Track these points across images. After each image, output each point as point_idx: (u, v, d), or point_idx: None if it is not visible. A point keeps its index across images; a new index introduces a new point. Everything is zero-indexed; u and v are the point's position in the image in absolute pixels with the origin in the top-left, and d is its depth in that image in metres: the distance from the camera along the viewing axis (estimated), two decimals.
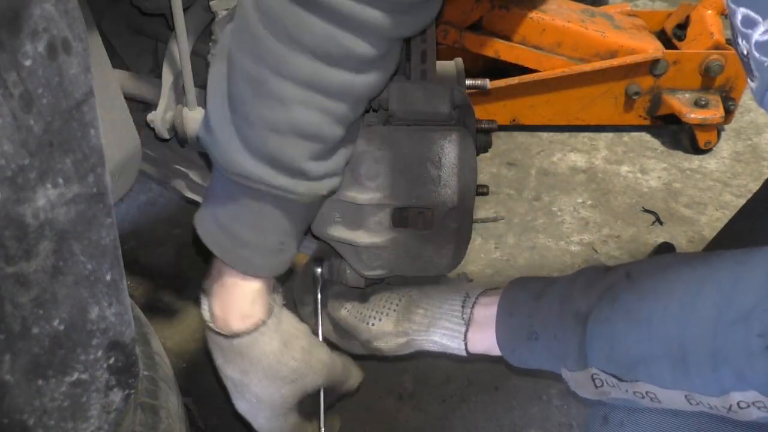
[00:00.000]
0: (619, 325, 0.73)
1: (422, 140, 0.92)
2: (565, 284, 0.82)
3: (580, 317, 0.77)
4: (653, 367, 0.70)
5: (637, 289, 0.74)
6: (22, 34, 0.48)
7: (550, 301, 0.82)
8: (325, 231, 0.97)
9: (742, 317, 0.63)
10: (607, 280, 0.78)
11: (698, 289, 0.68)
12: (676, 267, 0.73)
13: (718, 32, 2.18)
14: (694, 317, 0.67)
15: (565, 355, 0.78)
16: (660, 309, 0.70)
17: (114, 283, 0.60)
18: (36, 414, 0.57)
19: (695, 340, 0.66)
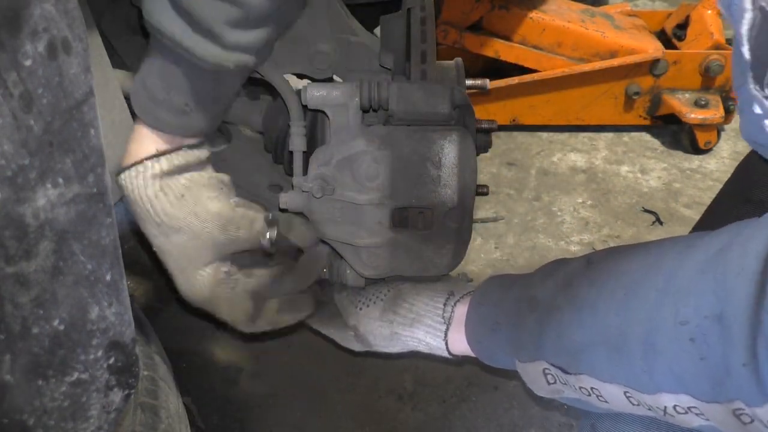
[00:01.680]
0: (568, 313, 0.71)
1: (422, 140, 0.92)
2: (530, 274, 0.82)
3: (535, 303, 0.75)
4: (592, 356, 0.68)
5: (592, 275, 0.72)
6: (22, 34, 0.48)
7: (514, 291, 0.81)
8: (326, 231, 0.97)
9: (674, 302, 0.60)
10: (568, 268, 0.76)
11: (644, 274, 0.66)
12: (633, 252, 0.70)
13: (718, 32, 2.18)
14: (635, 303, 0.64)
15: (520, 344, 0.77)
16: (606, 294, 0.67)
17: (114, 283, 0.60)
18: (36, 414, 0.57)
19: (631, 325, 0.64)
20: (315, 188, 0.92)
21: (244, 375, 1.52)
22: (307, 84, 0.96)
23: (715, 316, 0.57)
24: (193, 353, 1.57)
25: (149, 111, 0.85)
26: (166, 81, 0.83)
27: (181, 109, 0.85)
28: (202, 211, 0.88)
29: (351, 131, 0.94)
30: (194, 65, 0.81)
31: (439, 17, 2.14)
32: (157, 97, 0.84)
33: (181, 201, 0.87)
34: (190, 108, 0.85)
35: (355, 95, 0.92)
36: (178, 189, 0.87)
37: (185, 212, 0.88)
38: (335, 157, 0.93)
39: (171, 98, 0.84)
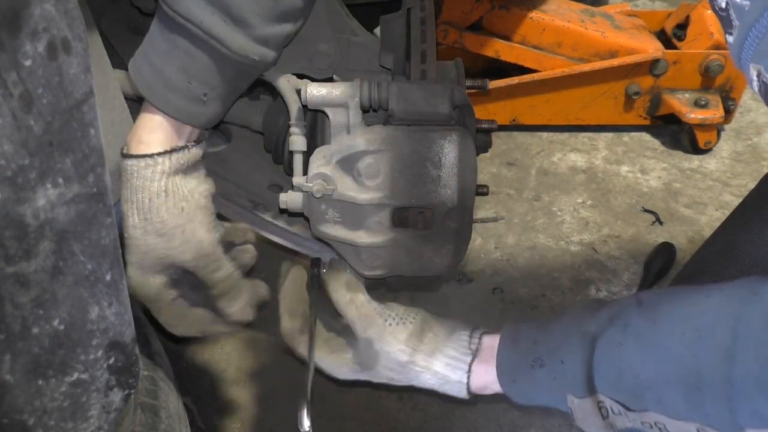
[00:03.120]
0: (630, 350, 0.70)
1: (422, 140, 0.92)
2: (572, 312, 0.79)
3: (589, 338, 0.73)
4: (664, 394, 0.67)
5: (649, 314, 0.71)
6: (22, 34, 0.48)
7: (557, 327, 0.79)
8: (326, 231, 0.97)
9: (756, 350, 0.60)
10: (617, 306, 0.74)
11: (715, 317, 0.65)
12: (690, 294, 0.70)
13: (718, 32, 2.18)
14: (712, 343, 0.64)
15: (572, 380, 0.75)
16: (676, 335, 0.67)
17: (114, 283, 0.60)
18: (36, 414, 0.57)
19: (712, 366, 0.63)
20: (315, 188, 0.92)
21: (244, 375, 1.52)
22: (307, 84, 0.96)
23: None
24: (193, 353, 1.57)
25: (165, 99, 0.85)
26: (187, 70, 0.84)
27: (199, 98, 0.86)
28: (189, 232, 0.89)
29: (351, 131, 0.94)
30: (220, 55, 0.83)
31: (439, 17, 2.14)
32: (177, 85, 0.84)
33: (179, 212, 0.88)
34: (207, 98, 0.86)
35: (355, 95, 0.92)
36: (179, 200, 0.88)
37: (176, 224, 0.88)
38: (335, 157, 0.93)
39: (191, 87, 0.85)
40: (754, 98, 2.54)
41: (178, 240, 0.89)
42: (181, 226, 0.89)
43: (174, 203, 0.88)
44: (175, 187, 0.88)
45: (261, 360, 1.55)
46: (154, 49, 0.84)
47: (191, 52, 0.83)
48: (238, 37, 0.82)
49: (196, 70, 0.84)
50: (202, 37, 0.81)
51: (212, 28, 0.80)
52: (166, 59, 0.84)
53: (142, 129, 0.88)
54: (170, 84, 0.85)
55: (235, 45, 0.82)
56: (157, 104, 0.86)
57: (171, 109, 0.86)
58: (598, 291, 1.73)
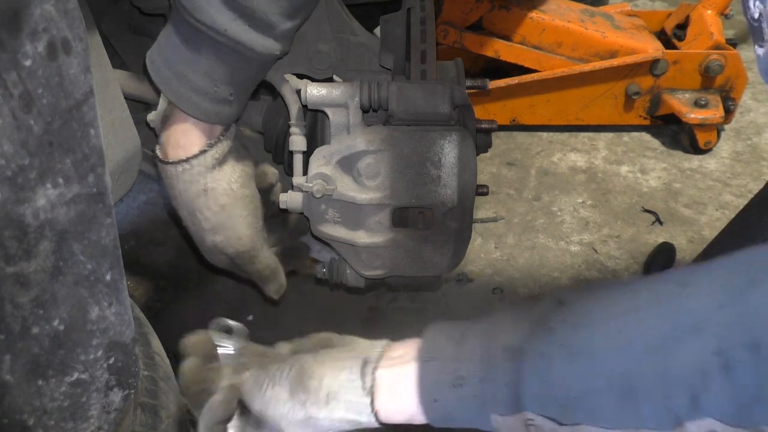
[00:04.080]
0: (556, 359, 0.64)
1: (422, 140, 0.92)
2: (489, 321, 0.73)
3: (510, 353, 0.68)
4: (596, 404, 0.62)
5: (571, 317, 0.66)
6: (22, 34, 0.48)
7: (474, 340, 0.71)
8: (326, 231, 0.97)
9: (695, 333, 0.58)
10: (536, 310, 0.69)
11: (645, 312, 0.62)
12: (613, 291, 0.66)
13: (718, 32, 2.18)
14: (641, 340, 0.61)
15: (495, 398, 0.68)
16: (600, 337, 0.63)
17: (114, 283, 0.60)
18: (36, 414, 0.57)
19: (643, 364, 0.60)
20: (315, 188, 0.92)
21: None
22: (307, 84, 0.96)
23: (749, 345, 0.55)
24: None
25: (195, 104, 0.88)
26: (213, 75, 0.86)
27: (225, 99, 0.89)
28: (230, 229, 0.96)
29: (351, 131, 0.94)
30: (245, 58, 0.85)
31: (439, 17, 2.14)
32: (204, 90, 0.87)
33: (220, 209, 0.94)
34: (233, 97, 0.89)
35: (355, 95, 0.93)
36: (219, 195, 0.93)
37: (217, 221, 0.94)
38: (335, 157, 0.93)
39: (218, 90, 0.88)
40: (754, 98, 2.54)
41: (221, 236, 0.96)
42: (222, 223, 0.95)
43: (214, 200, 0.93)
44: (214, 183, 0.92)
45: None
46: (177, 57, 0.86)
47: (217, 58, 0.85)
48: (262, 39, 0.85)
49: (221, 74, 0.87)
50: (228, 44, 0.83)
51: (238, 35, 0.82)
52: (192, 66, 0.86)
53: (176, 134, 0.91)
54: (198, 89, 0.87)
55: (260, 47, 0.85)
56: (187, 110, 0.89)
57: (200, 112, 0.89)
58: None
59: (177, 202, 0.96)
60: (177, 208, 0.97)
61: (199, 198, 0.93)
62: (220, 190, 0.93)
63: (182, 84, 0.87)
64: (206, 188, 0.92)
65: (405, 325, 1.62)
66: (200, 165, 0.91)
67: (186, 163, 0.91)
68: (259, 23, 0.82)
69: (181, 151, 0.91)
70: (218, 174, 0.93)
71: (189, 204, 0.94)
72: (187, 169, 0.91)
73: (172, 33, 0.86)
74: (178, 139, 0.91)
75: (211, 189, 0.92)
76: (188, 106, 0.89)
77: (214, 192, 0.93)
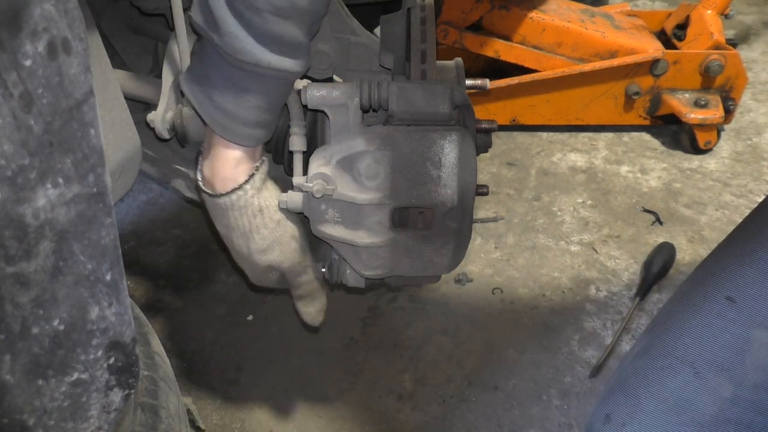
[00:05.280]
0: None
1: (422, 140, 0.92)
2: None
3: None
4: None
5: None
6: (22, 34, 0.48)
7: None
8: (326, 231, 0.97)
9: None
10: None
11: None
12: None
13: (718, 32, 2.18)
14: None
15: None
16: None
17: (114, 283, 0.60)
18: (36, 414, 0.57)
19: None
20: (315, 188, 0.92)
21: (244, 375, 1.52)
22: (307, 84, 0.96)
23: None
24: (193, 353, 1.57)
25: (247, 135, 0.92)
26: (262, 106, 0.90)
27: (269, 123, 0.93)
28: (285, 243, 1.00)
29: (351, 131, 0.94)
30: (287, 82, 0.90)
31: (439, 17, 2.14)
32: (254, 121, 0.91)
33: (276, 225, 0.98)
34: (270, 118, 0.93)
35: (355, 95, 0.92)
36: (273, 212, 0.97)
37: (274, 238, 0.98)
38: (335, 157, 0.93)
39: (266, 118, 0.91)
40: (754, 98, 2.54)
41: (277, 251, 1.00)
42: (278, 238, 0.98)
43: (270, 218, 0.97)
44: (266, 202, 0.96)
45: (261, 359, 1.55)
46: (225, 96, 0.89)
47: (265, 90, 0.88)
48: (300, 61, 0.88)
49: (269, 103, 0.90)
50: (273, 75, 0.86)
51: (281, 64, 0.86)
52: (241, 103, 0.89)
53: (224, 167, 0.94)
54: (249, 121, 0.90)
55: (298, 68, 0.88)
56: (240, 143, 0.92)
57: (252, 142, 0.93)
58: (598, 291, 1.72)
59: (229, 230, 0.98)
60: (228, 236, 1.00)
61: (255, 219, 0.96)
62: (273, 207, 0.97)
63: (232, 121, 0.90)
64: (261, 208, 0.96)
65: (405, 325, 1.63)
66: (252, 188, 0.94)
67: (240, 191, 0.94)
68: (290, 48, 0.86)
69: (230, 183, 0.94)
70: (266, 192, 0.97)
71: (245, 228, 0.97)
72: (241, 196, 0.94)
73: (213, 76, 0.89)
74: (227, 173, 0.94)
75: (266, 207, 0.96)
76: (240, 139, 0.92)
77: (269, 210, 0.97)
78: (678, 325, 0.79)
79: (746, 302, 0.75)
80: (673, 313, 0.82)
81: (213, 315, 1.68)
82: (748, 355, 0.72)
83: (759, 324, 0.73)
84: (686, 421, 0.76)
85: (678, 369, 0.75)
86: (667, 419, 0.77)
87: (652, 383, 0.76)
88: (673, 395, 0.74)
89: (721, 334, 0.75)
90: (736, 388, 0.71)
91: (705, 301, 0.78)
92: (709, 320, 0.77)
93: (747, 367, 0.72)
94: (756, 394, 0.70)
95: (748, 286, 0.76)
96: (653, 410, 0.76)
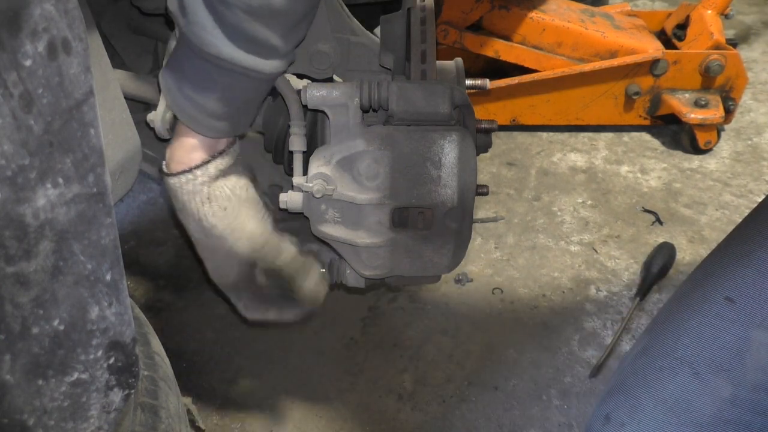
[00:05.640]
0: None
1: (422, 140, 0.92)
2: None
3: None
4: None
5: None
6: (22, 34, 0.48)
7: None
8: (325, 231, 0.97)
9: None
10: None
11: None
12: None
13: (718, 32, 2.18)
14: None
15: None
16: None
17: (114, 283, 0.60)
18: (36, 414, 0.57)
19: None
20: (315, 188, 0.92)
21: (244, 375, 1.52)
22: (307, 84, 0.96)
23: None
24: (193, 353, 1.57)
25: (209, 126, 0.91)
26: (227, 99, 0.89)
27: (237, 117, 0.92)
28: (238, 228, 0.96)
29: (351, 131, 0.94)
30: (254, 80, 0.88)
31: (439, 17, 2.14)
32: (217, 113, 0.90)
33: (224, 213, 0.95)
34: (235, 113, 0.92)
35: (355, 95, 0.92)
36: (223, 200, 0.95)
37: (225, 224, 0.95)
38: (335, 157, 0.93)
39: (230, 111, 0.91)
40: (754, 98, 2.54)
41: (231, 238, 0.96)
42: (229, 225, 0.95)
43: (218, 206, 0.95)
44: (217, 191, 0.95)
45: (261, 359, 1.55)
46: (191, 85, 0.89)
47: (230, 84, 0.88)
48: (272, 62, 0.87)
49: (234, 98, 0.90)
50: (237, 71, 0.86)
51: (245, 62, 0.85)
52: (206, 93, 0.89)
53: (181, 150, 0.94)
54: (212, 113, 0.90)
55: (268, 68, 0.87)
56: (200, 131, 0.92)
57: (213, 132, 0.92)
58: (598, 291, 1.73)
59: (182, 215, 0.98)
60: (184, 223, 0.99)
61: (203, 206, 0.95)
62: (223, 196, 0.95)
63: (197, 110, 0.90)
64: (210, 196, 0.95)
65: (405, 325, 1.63)
66: (204, 175, 0.93)
67: (189, 173, 0.93)
68: (262, 49, 0.85)
69: (182, 165, 0.94)
70: (222, 182, 0.95)
71: (194, 214, 0.95)
72: (190, 179, 0.93)
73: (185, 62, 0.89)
74: (182, 156, 0.94)
75: (214, 196, 0.95)
76: (202, 128, 0.92)
77: (217, 199, 0.95)
78: (677, 325, 0.79)
79: (745, 303, 0.75)
80: (672, 313, 0.82)
81: (213, 315, 1.67)
82: (747, 356, 0.72)
83: (758, 324, 0.73)
84: (685, 421, 0.76)
85: (677, 369, 0.75)
86: (666, 419, 0.77)
87: (651, 383, 0.76)
88: (673, 396, 0.74)
89: (720, 335, 0.75)
90: (736, 389, 0.71)
91: (704, 302, 0.78)
92: (708, 321, 0.77)
93: (746, 367, 0.72)
94: (755, 395, 0.70)
95: (748, 286, 0.76)
96: (653, 410, 0.76)
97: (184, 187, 0.94)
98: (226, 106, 0.90)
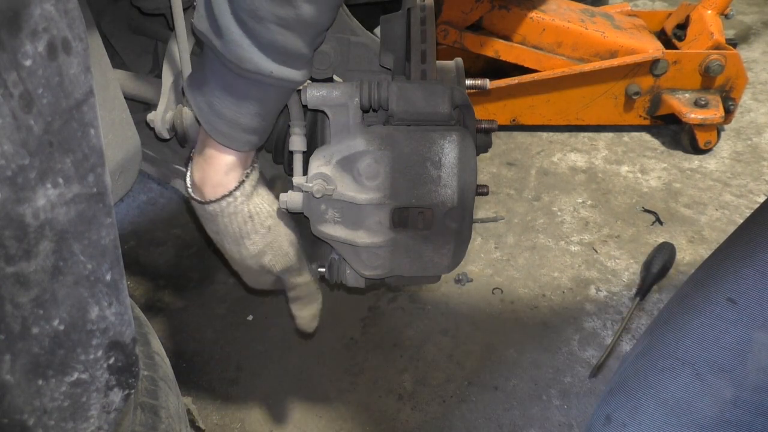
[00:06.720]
0: None
1: (422, 140, 0.92)
2: None
3: None
4: None
5: None
6: (22, 34, 0.48)
7: None
8: (326, 231, 0.97)
9: None
10: None
11: None
12: None
13: (718, 32, 2.18)
14: None
15: None
16: None
17: (114, 283, 0.60)
18: (36, 414, 0.57)
19: None
20: (315, 188, 0.92)
21: (244, 375, 1.52)
22: (307, 84, 0.96)
23: None
24: (193, 353, 1.57)
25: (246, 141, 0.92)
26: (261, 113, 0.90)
27: (267, 128, 0.94)
28: (277, 247, 1.00)
29: (351, 131, 0.94)
30: (287, 90, 0.90)
31: (439, 17, 2.14)
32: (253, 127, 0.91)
33: (266, 232, 0.98)
34: (266, 125, 0.93)
35: (355, 95, 0.92)
36: (264, 218, 0.98)
37: (265, 243, 0.99)
38: (335, 157, 0.93)
39: (264, 124, 0.92)
40: (754, 98, 2.54)
41: (270, 255, 1.00)
42: (270, 243, 0.99)
43: (260, 224, 0.97)
44: (256, 208, 0.97)
45: (261, 359, 1.55)
46: (226, 102, 0.90)
47: (265, 97, 0.89)
48: (302, 71, 0.89)
49: (268, 110, 0.91)
50: (274, 84, 0.87)
51: (283, 73, 0.87)
52: (241, 109, 0.90)
53: (216, 173, 0.95)
54: (246, 127, 0.91)
55: (301, 78, 0.89)
56: (236, 147, 0.93)
57: (248, 147, 0.93)
58: (598, 291, 1.73)
59: (220, 236, 0.99)
60: (220, 242, 1.00)
61: (246, 225, 0.97)
62: (264, 214, 0.97)
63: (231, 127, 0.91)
64: (251, 215, 0.96)
65: (405, 325, 1.63)
66: (242, 195, 0.95)
67: (230, 197, 0.94)
68: (292, 59, 0.87)
69: (220, 189, 0.94)
70: (257, 198, 0.97)
71: (235, 234, 0.97)
72: (230, 202, 0.95)
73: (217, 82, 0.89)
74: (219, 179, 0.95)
75: (256, 214, 0.97)
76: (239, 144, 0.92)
77: (260, 216, 0.97)
78: (679, 326, 0.79)
79: (747, 304, 0.75)
80: (673, 314, 0.82)
81: (213, 315, 1.68)
82: (748, 357, 0.72)
83: (760, 326, 0.73)
84: (687, 422, 0.76)
85: (679, 370, 0.75)
86: (667, 421, 0.77)
87: (652, 384, 0.76)
88: (674, 397, 0.74)
89: (722, 336, 0.75)
90: (737, 390, 0.71)
91: (706, 303, 0.78)
92: (709, 322, 0.76)
93: (748, 368, 0.72)
94: (757, 396, 0.70)
95: (749, 287, 0.76)
96: (654, 411, 0.76)
97: (225, 210, 0.95)
98: (261, 119, 0.91)
